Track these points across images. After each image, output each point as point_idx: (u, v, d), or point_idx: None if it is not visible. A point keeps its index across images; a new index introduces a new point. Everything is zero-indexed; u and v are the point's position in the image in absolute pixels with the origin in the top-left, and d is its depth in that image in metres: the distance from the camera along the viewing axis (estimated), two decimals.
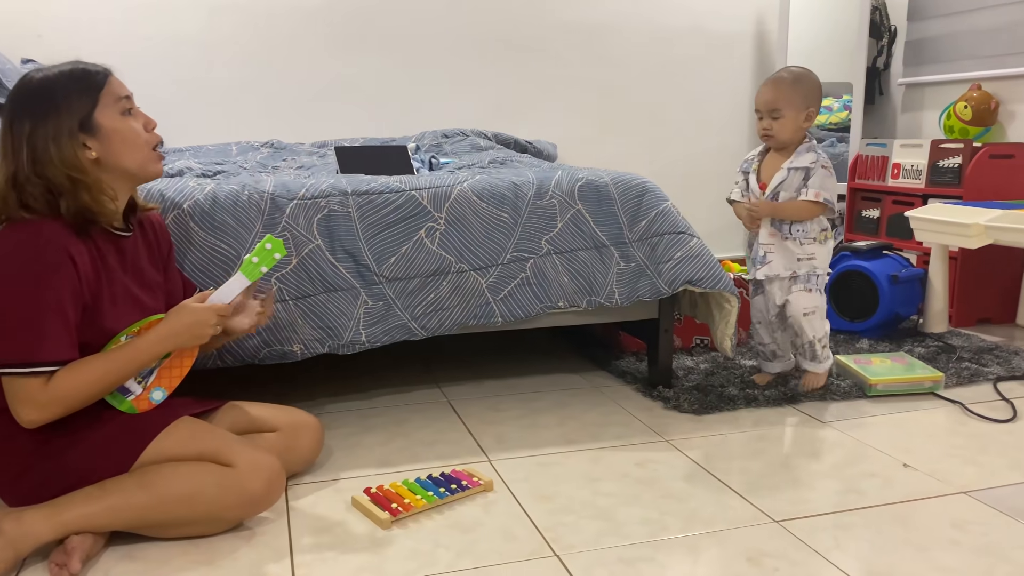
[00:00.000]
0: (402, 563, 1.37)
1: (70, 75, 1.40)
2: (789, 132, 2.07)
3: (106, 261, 1.43)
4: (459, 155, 2.83)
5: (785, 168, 2.09)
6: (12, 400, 1.32)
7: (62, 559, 1.32)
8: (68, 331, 1.34)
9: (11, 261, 1.32)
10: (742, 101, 3.87)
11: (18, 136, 1.35)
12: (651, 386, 2.21)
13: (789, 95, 2.05)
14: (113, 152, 1.41)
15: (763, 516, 1.53)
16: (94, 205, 1.37)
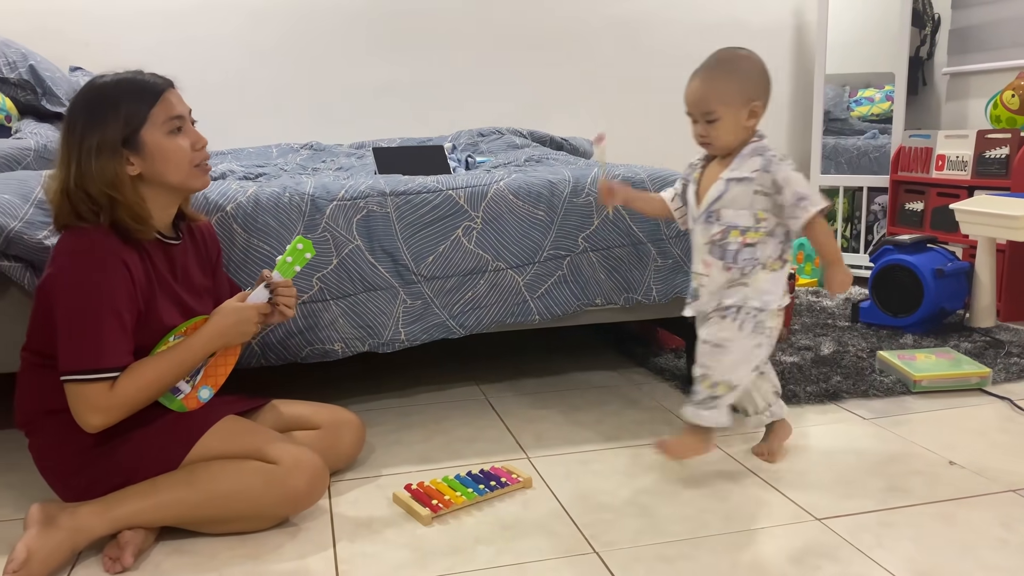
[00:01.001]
0: (443, 559, 1.39)
1: (126, 88, 1.41)
2: (729, 136, 1.62)
3: (156, 268, 1.47)
4: (495, 153, 2.84)
5: (723, 179, 1.62)
6: (77, 406, 1.36)
7: (115, 553, 1.36)
8: (126, 337, 1.38)
9: (70, 271, 1.36)
10: (780, 94, 3.83)
11: (71, 146, 1.39)
12: (689, 383, 2.19)
13: (722, 91, 1.59)
14: (156, 169, 1.43)
15: (805, 514, 1.52)
16: (131, 223, 1.40)
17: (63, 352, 1.35)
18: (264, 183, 1.98)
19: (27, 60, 2.25)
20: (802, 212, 1.57)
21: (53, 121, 2.31)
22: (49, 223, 1.65)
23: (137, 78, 1.44)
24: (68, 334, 1.35)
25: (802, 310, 2.97)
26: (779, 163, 1.60)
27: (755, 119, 1.63)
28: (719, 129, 1.62)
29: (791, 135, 3.88)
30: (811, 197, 1.58)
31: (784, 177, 1.58)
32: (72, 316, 1.35)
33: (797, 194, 1.57)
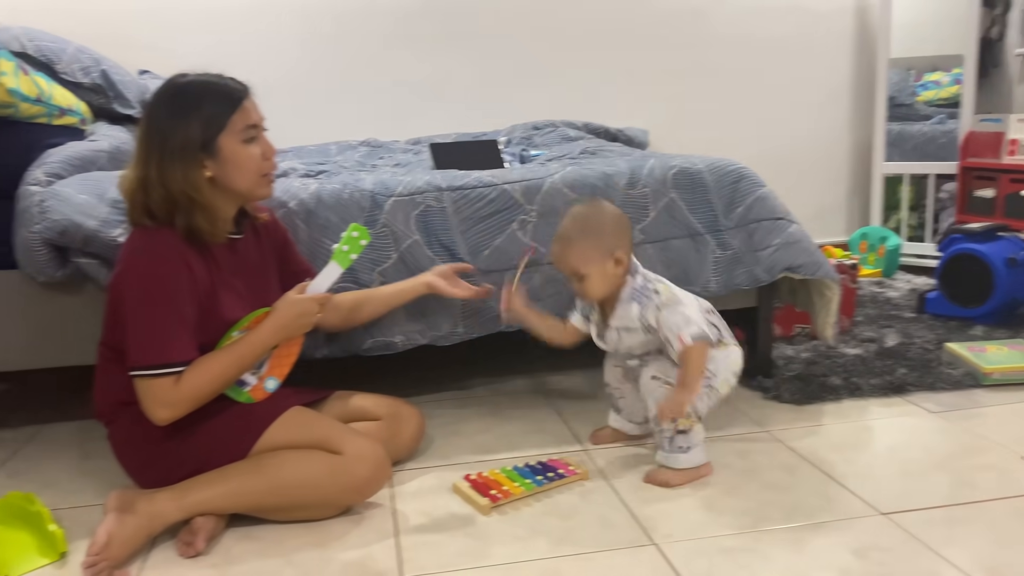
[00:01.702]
0: (502, 548, 1.41)
1: (209, 90, 1.45)
2: (601, 288, 1.66)
3: (218, 264, 1.51)
4: (549, 146, 2.84)
5: (614, 328, 1.70)
6: (145, 401, 1.42)
7: (189, 538, 1.42)
8: (190, 334, 1.43)
9: (135, 271, 1.42)
10: (842, 80, 3.73)
11: (153, 142, 1.43)
12: (750, 376, 2.17)
13: (581, 253, 1.63)
14: (227, 175, 1.47)
15: (869, 508, 1.50)
16: (205, 226, 1.45)
17: (131, 348, 1.41)
18: (325, 180, 2.02)
19: (99, 65, 2.34)
20: (672, 351, 1.63)
21: (124, 123, 2.39)
22: (122, 221, 1.72)
23: (219, 82, 1.47)
24: (135, 331, 1.41)
25: (865, 301, 2.90)
26: (649, 303, 1.65)
27: (622, 265, 1.67)
28: (590, 284, 1.66)
29: (852, 123, 3.78)
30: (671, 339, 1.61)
31: (654, 318, 1.64)
32: (138, 314, 1.41)
33: (663, 334, 1.63)
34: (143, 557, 1.41)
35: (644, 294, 1.66)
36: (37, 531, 1.46)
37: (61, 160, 1.85)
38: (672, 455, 1.62)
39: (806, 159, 3.75)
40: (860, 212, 3.86)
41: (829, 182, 3.82)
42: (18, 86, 1.89)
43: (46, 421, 2.07)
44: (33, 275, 1.75)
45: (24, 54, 2.16)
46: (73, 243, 1.69)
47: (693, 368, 1.59)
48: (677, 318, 1.61)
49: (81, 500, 1.64)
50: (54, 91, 2.04)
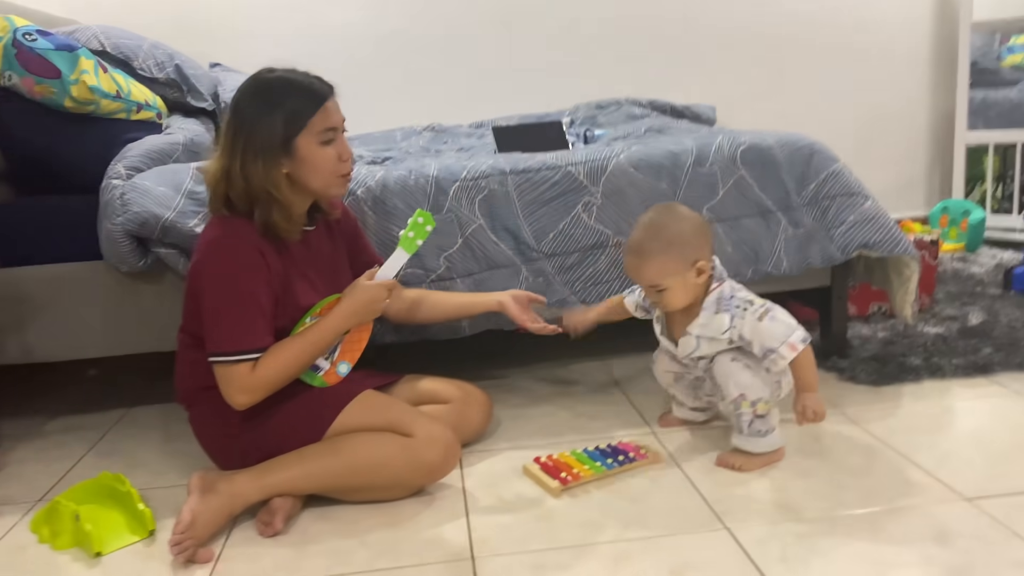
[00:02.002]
0: (572, 530, 1.41)
1: (294, 89, 1.47)
2: (682, 300, 1.59)
3: (292, 255, 1.55)
4: (614, 125, 2.81)
5: (693, 336, 1.61)
6: (224, 386, 1.47)
7: (268, 517, 1.46)
8: (266, 321, 1.47)
9: (211, 261, 1.46)
10: (920, 46, 3.57)
11: (238, 135, 1.46)
12: (824, 356, 2.11)
13: (660, 266, 1.54)
14: (302, 174, 1.49)
15: (952, 494, 1.44)
16: (281, 222, 1.48)
17: (209, 335, 1.46)
18: (391, 167, 2.04)
19: (173, 60, 2.41)
20: (772, 364, 1.56)
21: (198, 116, 2.46)
22: (199, 212, 1.78)
23: (304, 80, 1.49)
24: (212, 319, 1.46)
25: (947, 278, 2.78)
26: (743, 315, 1.56)
27: (704, 274, 1.58)
28: (669, 297, 1.58)
29: (933, 90, 3.62)
30: (779, 349, 1.53)
31: (750, 331, 1.55)
32: (216, 302, 1.46)
33: (764, 347, 1.55)
34: (225, 536, 1.47)
35: (736, 304, 1.57)
36: (127, 510, 1.53)
37: (140, 154, 1.92)
38: (750, 439, 1.59)
39: (883, 131, 3.61)
40: (941, 185, 3.71)
41: (908, 154, 3.67)
42: (99, 83, 1.96)
43: (132, 404, 2.17)
44: (116, 265, 1.82)
45: (103, 52, 2.24)
46: (152, 234, 1.76)
47: (811, 368, 1.56)
48: (781, 327, 1.54)
49: (166, 481, 1.71)
50: (132, 87, 2.11)
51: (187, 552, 1.37)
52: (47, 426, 2.07)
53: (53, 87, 1.90)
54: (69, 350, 1.94)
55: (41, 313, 1.90)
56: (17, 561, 1.44)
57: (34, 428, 2.05)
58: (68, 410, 2.16)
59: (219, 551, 1.42)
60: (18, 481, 1.76)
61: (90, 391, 2.33)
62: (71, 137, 1.97)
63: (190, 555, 1.37)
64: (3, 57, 1.88)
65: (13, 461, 1.86)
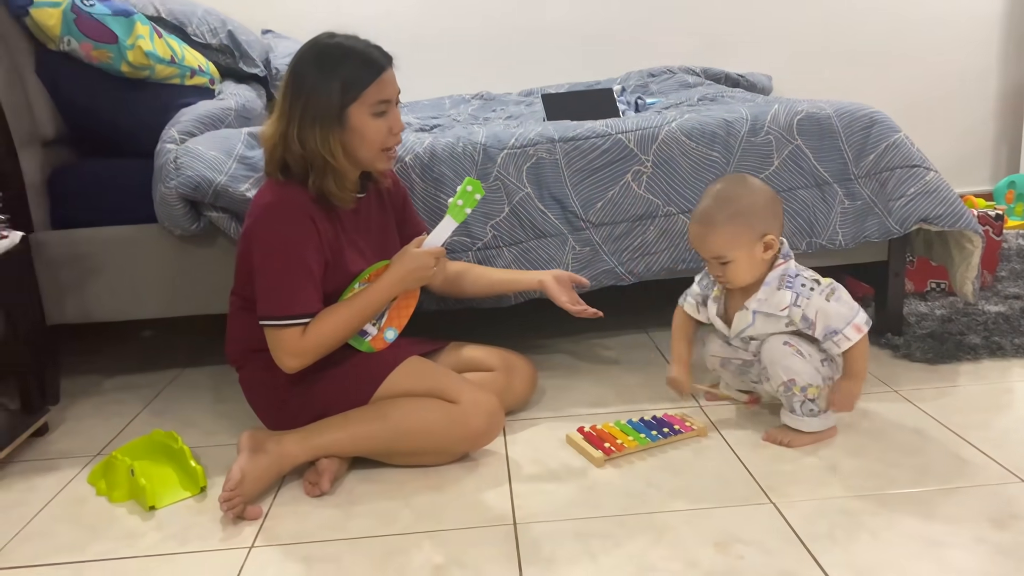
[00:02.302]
0: (614, 500, 1.41)
1: (352, 57, 1.46)
2: (747, 274, 1.53)
3: (343, 222, 1.56)
4: (666, 94, 2.75)
5: (750, 311, 1.56)
6: (274, 350, 1.49)
7: (315, 478, 1.49)
8: (316, 287, 1.49)
9: (264, 226, 1.48)
10: (989, 14, 3.41)
11: (296, 100, 1.46)
12: (879, 333, 2.06)
13: (728, 237, 1.50)
14: (351, 144, 1.49)
15: (1010, 475, 1.40)
16: (335, 190, 1.49)
17: (260, 299, 1.48)
18: (439, 134, 2.04)
19: (226, 26, 2.43)
20: (835, 347, 1.52)
21: (249, 82, 2.49)
22: (250, 176, 1.80)
23: (363, 49, 1.48)
24: (264, 283, 1.48)
25: (1011, 255, 2.68)
26: (809, 295, 1.51)
27: (771, 250, 1.53)
28: (734, 271, 1.53)
29: (1004, 59, 3.46)
30: (844, 330, 1.49)
31: (816, 311, 1.51)
32: (267, 267, 1.47)
33: (828, 328, 1.50)
34: (273, 494, 1.50)
35: (801, 283, 1.52)
36: (180, 466, 1.57)
37: (193, 119, 1.94)
38: (802, 418, 1.55)
39: (948, 101, 3.47)
40: (1009, 159, 3.56)
41: (974, 126, 3.53)
42: (154, 48, 1.99)
43: (186, 365, 2.23)
44: (170, 228, 1.86)
45: (158, 18, 2.27)
46: (205, 197, 1.78)
47: (865, 356, 1.53)
48: (846, 308, 1.50)
49: (217, 440, 1.75)
50: (185, 52, 2.14)
51: (236, 508, 1.40)
52: (104, 384, 2.13)
53: (110, 52, 1.93)
54: (125, 311, 1.99)
55: (98, 274, 1.95)
56: (77, 512, 1.50)
57: (92, 386, 2.12)
58: (124, 369, 2.22)
59: (267, 509, 1.45)
60: (77, 436, 1.82)
61: (145, 351, 2.39)
62: (127, 102, 2.01)
63: (239, 511, 1.41)
64: (62, 22, 1.92)
65: (71, 417, 1.93)
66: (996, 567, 1.16)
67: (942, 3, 3.39)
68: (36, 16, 1.91)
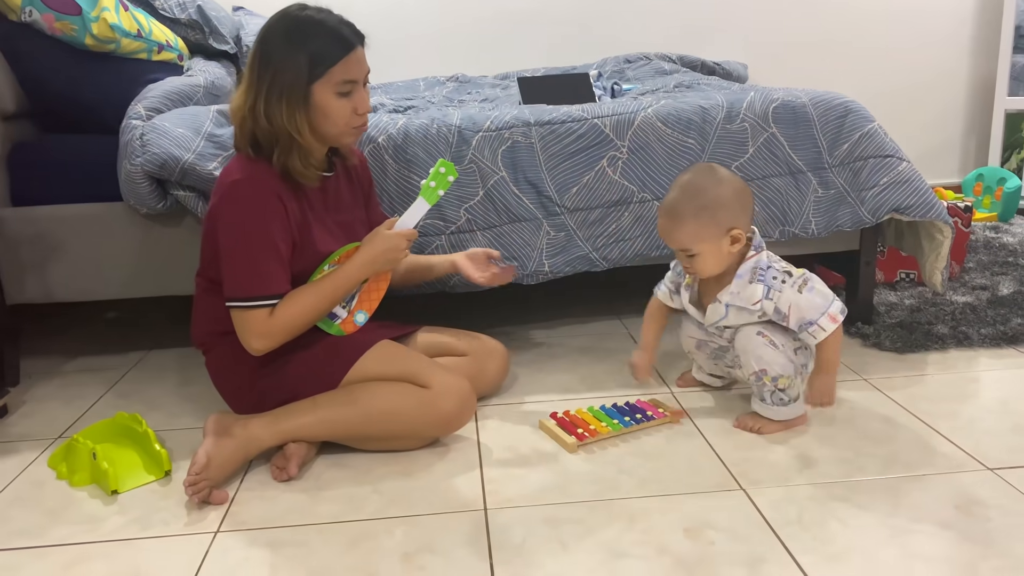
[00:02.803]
0: (585, 486, 1.40)
1: (321, 33, 1.42)
2: (714, 267, 1.53)
3: (310, 199, 1.53)
4: (642, 80, 2.74)
5: (722, 304, 1.56)
6: (241, 331, 1.46)
7: (282, 463, 1.47)
8: (283, 267, 1.46)
9: (231, 205, 1.44)
10: (962, 7, 3.44)
11: (264, 72, 1.42)
12: (849, 322, 2.07)
13: (691, 230, 1.48)
14: (315, 121, 1.46)
15: (974, 462, 1.42)
16: (300, 168, 1.45)
17: (226, 280, 1.45)
18: (413, 115, 2.01)
19: (196, 1, 2.37)
20: (811, 338, 1.51)
21: (219, 59, 2.43)
22: (218, 155, 1.76)
23: (334, 26, 1.44)
24: (230, 264, 1.44)
25: (978, 246, 2.72)
26: (781, 287, 1.50)
27: (739, 243, 1.51)
28: (701, 262, 1.53)
29: (974, 53, 3.50)
30: (819, 320, 1.49)
31: (788, 304, 1.50)
32: (233, 247, 1.44)
33: (803, 320, 1.50)
34: (239, 479, 1.47)
35: (772, 276, 1.51)
36: (144, 450, 1.54)
37: (160, 95, 1.90)
38: (772, 407, 1.56)
39: (919, 95, 3.51)
40: (977, 151, 3.61)
41: (944, 118, 3.57)
42: (119, 21, 1.93)
43: (151, 347, 2.18)
44: (136, 207, 1.81)
45: None
46: (171, 175, 1.74)
47: (838, 347, 1.52)
48: (819, 298, 1.49)
49: (182, 423, 1.72)
50: (153, 27, 2.08)
51: (201, 493, 1.38)
52: (66, 366, 2.08)
53: (74, 24, 1.88)
54: (88, 291, 1.94)
55: (61, 253, 1.90)
56: (36, 496, 1.46)
57: (54, 367, 2.07)
58: (87, 351, 2.18)
59: (233, 493, 1.43)
60: (37, 418, 1.77)
61: (109, 333, 2.34)
62: (91, 76, 1.95)
63: (204, 496, 1.38)
64: None
65: (32, 399, 1.88)
66: (961, 553, 1.18)
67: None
68: None
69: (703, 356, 1.74)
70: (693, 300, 1.65)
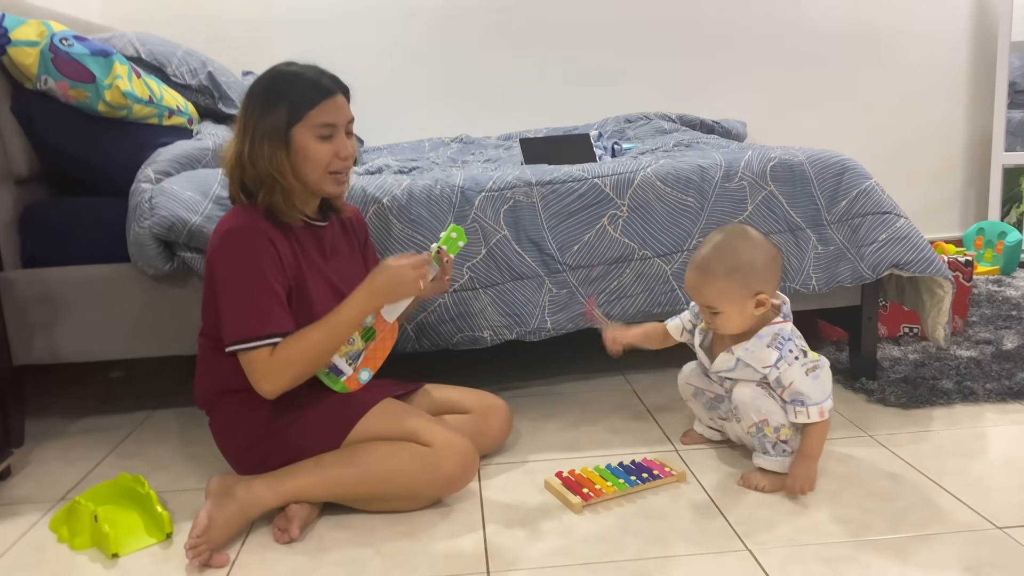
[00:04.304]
0: (591, 547, 1.38)
1: (300, 83, 1.50)
2: (735, 326, 1.55)
3: (305, 249, 1.55)
4: (642, 139, 2.79)
5: (735, 356, 1.57)
6: (248, 374, 1.47)
7: (284, 524, 1.46)
8: (281, 306, 1.47)
9: (222, 250, 1.47)
10: (958, 65, 3.52)
11: (249, 120, 1.50)
12: (853, 377, 2.07)
13: (722, 290, 1.51)
14: (297, 165, 1.50)
15: (984, 522, 1.40)
16: (283, 207, 1.50)
17: (225, 325, 1.46)
18: (417, 176, 2.04)
19: (206, 67, 2.44)
20: (793, 414, 1.53)
21: (228, 123, 2.49)
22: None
23: (312, 75, 1.51)
24: (227, 308, 1.46)
25: (981, 300, 2.72)
26: (792, 362, 1.52)
27: (763, 307, 1.54)
28: (724, 320, 1.55)
29: (970, 110, 3.56)
30: (809, 407, 1.51)
31: (791, 379, 1.52)
32: (229, 291, 1.46)
33: (796, 397, 1.52)
34: (241, 541, 1.46)
35: (789, 349, 1.53)
36: (146, 512, 1.53)
37: (170, 159, 1.94)
38: (776, 458, 1.55)
39: (917, 150, 3.56)
40: (977, 206, 3.64)
41: (943, 174, 3.61)
42: (132, 88, 1.99)
43: (155, 407, 2.18)
44: (143, 268, 1.84)
45: (137, 58, 2.28)
46: (179, 238, 1.77)
47: (821, 439, 1.54)
48: (819, 390, 1.51)
49: (185, 484, 1.71)
50: (164, 93, 2.14)
51: (202, 556, 1.37)
52: (70, 426, 2.08)
53: (87, 91, 1.93)
54: (94, 351, 1.95)
55: (68, 313, 1.92)
56: (35, 560, 1.45)
57: (57, 428, 2.07)
58: (92, 411, 2.18)
59: (235, 556, 1.41)
60: (39, 480, 1.77)
61: (114, 393, 2.35)
62: (103, 141, 2.00)
63: (205, 559, 1.37)
64: (40, 61, 1.91)
65: (35, 460, 1.88)
66: None
67: (913, 57, 3.49)
68: (13, 55, 1.91)
69: (698, 405, 1.74)
70: (704, 345, 1.66)
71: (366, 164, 2.43)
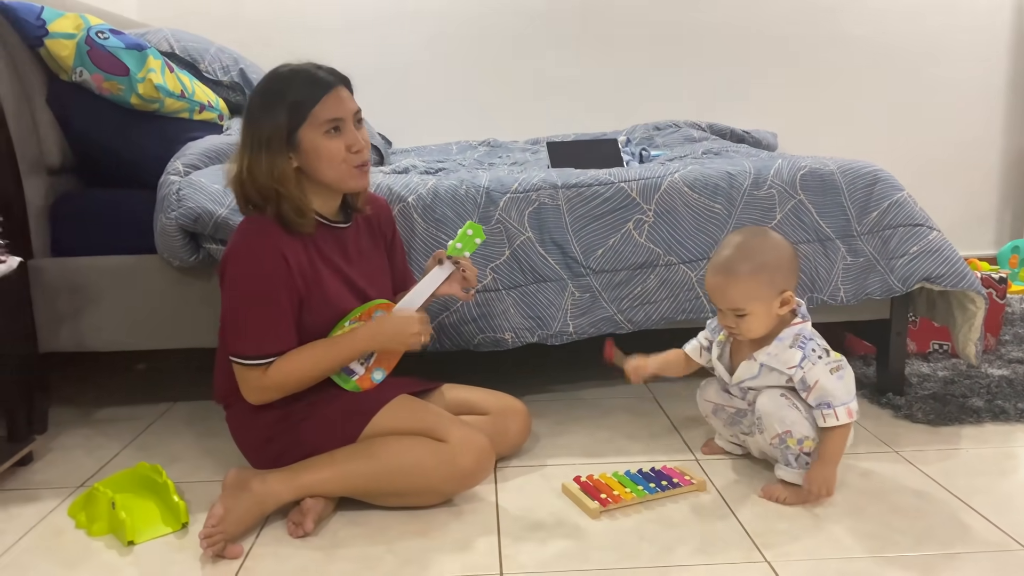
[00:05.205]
0: (604, 553, 1.37)
1: (296, 81, 1.45)
2: (761, 327, 1.52)
3: (322, 252, 1.53)
4: (671, 147, 2.77)
5: (757, 362, 1.55)
6: (239, 383, 1.49)
7: (299, 518, 1.45)
8: (282, 325, 1.47)
9: (234, 264, 1.46)
10: (996, 79, 3.45)
11: (248, 133, 1.47)
12: (880, 393, 2.03)
13: (748, 290, 1.48)
14: (311, 166, 1.47)
15: (1013, 543, 1.36)
16: (292, 216, 1.46)
17: (228, 336, 1.48)
18: (443, 177, 2.04)
19: (238, 64, 2.46)
20: (821, 418, 1.50)
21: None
22: None
23: (308, 72, 1.46)
24: (231, 320, 1.48)
25: (1015, 319, 2.66)
26: (816, 361, 1.50)
27: (788, 306, 1.52)
28: (749, 323, 1.52)
29: (1008, 125, 3.49)
30: (836, 408, 1.48)
31: (816, 379, 1.49)
32: (234, 304, 1.47)
33: (822, 400, 1.49)
34: (255, 534, 1.46)
35: (812, 348, 1.51)
36: (163, 501, 1.54)
37: (199, 152, 1.95)
38: (798, 471, 1.52)
39: (953, 167, 3.50)
40: (1013, 223, 3.57)
41: (978, 190, 3.54)
42: (164, 82, 2.01)
43: (177, 399, 2.20)
44: (169, 259, 1.85)
45: (171, 53, 2.31)
46: (205, 229, 1.78)
47: (842, 443, 1.52)
48: (843, 389, 1.49)
49: (202, 475, 1.72)
50: (196, 88, 2.16)
51: (216, 546, 1.37)
52: (93, 415, 2.10)
53: (121, 84, 1.95)
54: (120, 341, 1.97)
55: (95, 303, 1.94)
56: (53, 544, 1.46)
57: (81, 416, 2.09)
58: (115, 400, 2.20)
59: (248, 548, 1.41)
60: (60, 467, 1.79)
61: (137, 383, 2.37)
62: (135, 134, 2.02)
63: (219, 549, 1.37)
64: (76, 53, 1.94)
65: (58, 447, 1.89)
66: None
67: (950, 71, 3.43)
68: (50, 47, 1.94)
69: (719, 422, 1.71)
70: (722, 359, 1.63)
71: (393, 164, 2.43)
